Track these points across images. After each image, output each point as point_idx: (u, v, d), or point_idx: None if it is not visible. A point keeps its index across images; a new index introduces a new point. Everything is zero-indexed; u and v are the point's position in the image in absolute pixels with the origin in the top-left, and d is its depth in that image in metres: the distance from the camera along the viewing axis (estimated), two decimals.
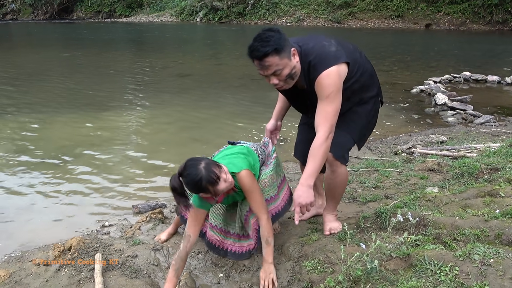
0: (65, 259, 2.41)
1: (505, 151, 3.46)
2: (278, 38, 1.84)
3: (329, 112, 1.92)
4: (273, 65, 1.86)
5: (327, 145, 1.95)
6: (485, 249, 1.70)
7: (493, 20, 20.06)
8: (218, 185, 1.93)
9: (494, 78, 8.37)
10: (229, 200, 2.27)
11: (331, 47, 1.97)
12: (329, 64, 1.89)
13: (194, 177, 1.87)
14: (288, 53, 1.88)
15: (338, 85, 1.92)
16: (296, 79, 1.96)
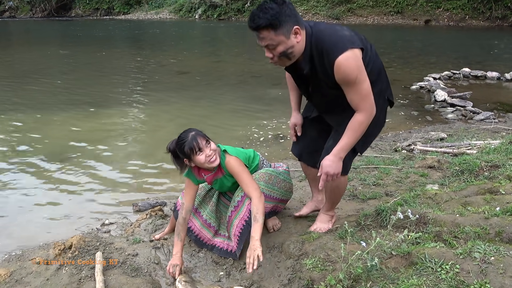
0: (65, 257, 2.41)
1: (505, 148, 3.45)
2: (278, 12, 1.71)
3: (364, 94, 1.83)
4: (266, 38, 1.76)
5: (367, 126, 1.90)
6: (486, 247, 1.70)
7: (492, 15, 20.02)
8: (197, 155, 2.12)
9: (493, 74, 8.36)
10: (218, 184, 2.36)
11: (345, 31, 1.85)
12: (345, 48, 1.76)
13: (181, 140, 2.14)
14: (287, 30, 1.75)
15: (360, 65, 1.80)
16: (293, 59, 1.85)
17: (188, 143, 2.10)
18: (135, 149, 4.77)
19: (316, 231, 2.33)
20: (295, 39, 1.78)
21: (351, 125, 1.90)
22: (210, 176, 2.30)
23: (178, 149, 2.16)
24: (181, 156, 2.18)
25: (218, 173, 2.30)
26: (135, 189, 3.68)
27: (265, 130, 5.23)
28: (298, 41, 1.80)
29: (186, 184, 2.34)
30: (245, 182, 2.21)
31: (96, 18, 29.90)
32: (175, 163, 2.25)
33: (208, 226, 2.48)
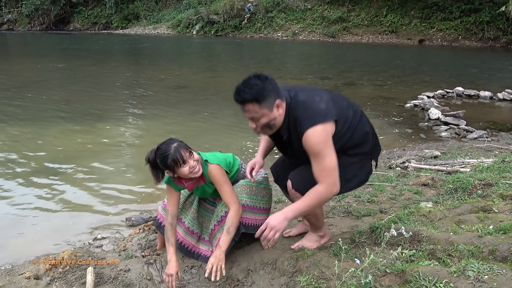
0: (56, 272, 2.38)
1: (498, 166, 3.49)
2: (262, 88, 1.83)
3: (326, 168, 1.90)
4: (251, 111, 1.89)
5: (325, 199, 1.95)
6: (479, 265, 1.70)
7: (484, 36, 20.44)
8: (181, 167, 2.09)
9: (486, 94, 8.49)
10: (199, 191, 2.37)
11: (321, 104, 1.93)
12: (316, 122, 1.87)
13: (163, 153, 2.09)
14: (270, 104, 1.87)
15: (326, 140, 1.89)
16: (274, 129, 1.97)
17: (172, 156, 2.07)
18: (130, 163, 4.75)
19: (299, 247, 2.33)
20: (277, 112, 1.91)
21: (310, 193, 1.94)
22: (191, 183, 2.29)
23: (160, 161, 2.12)
24: (163, 168, 2.15)
25: (200, 180, 2.29)
26: (128, 203, 3.65)
27: None
28: (280, 114, 1.93)
29: (168, 191, 2.33)
30: (226, 193, 2.23)
31: (94, 32, 30.12)
32: (152, 173, 2.21)
33: (192, 233, 2.49)
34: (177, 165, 2.09)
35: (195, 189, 2.35)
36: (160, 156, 2.11)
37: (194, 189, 2.35)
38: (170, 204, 2.33)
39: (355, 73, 12.07)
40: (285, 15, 25.18)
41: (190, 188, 2.33)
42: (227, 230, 2.19)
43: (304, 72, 12.23)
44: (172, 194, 2.32)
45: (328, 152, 1.89)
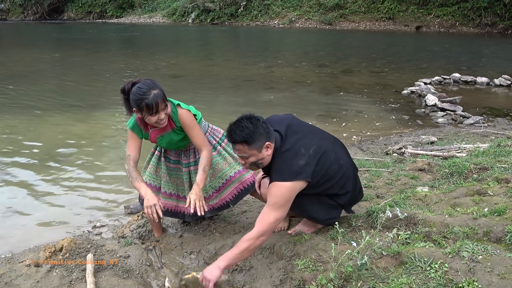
0: (56, 260, 2.40)
1: (494, 151, 3.51)
2: (252, 131, 1.92)
3: (269, 219, 1.94)
4: (241, 150, 1.98)
5: (254, 245, 1.96)
6: (474, 246, 1.73)
7: (482, 22, 20.35)
8: (150, 115, 2.07)
9: (483, 80, 8.49)
10: (165, 140, 2.31)
11: (302, 160, 1.98)
12: (285, 178, 1.95)
13: (140, 93, 2.05)
14: (259, 146, 1.95)
15: (287, 198, 1.96)
16: (261, 167, 2.07)
17: (148, 101, 2.04)
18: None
19: (296, 232, 2.36)
20: (266, 152, 1.99)
21: (242, 239, 1.96)
22: (156, 130, 2.26)
23: (134, 99, 2.07)
24: (132, 105, 2.11)
25: (167, 127, 2.26)
26: (126, 191, 3.67)
27: None
28: (269, 154, 2.00)
29: (130, 136, 2.29)
30: (197, 136, 2.28)
31: (89, 21, 29.78)
32: (125, 105, 2.19)
33: (170, 196, 2.54)
34: (149, 112, 2.07)
35: (160, 138, 2.30)
36: (137, 94, 2.06)
37: (159, 139, 2.30)
38: (132, 149, 2.28)
39: (352, 60, 12.03)
40: (282, 2, 24.94)
41: (154, 137, 2.29)
42: (203, 169, 2.25)
43: (300, 59, 12.17)
44: (134, 140, 2.29)
45: (284, 209, 1.97)
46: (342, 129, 5.52)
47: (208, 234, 2.66)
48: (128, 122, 2.30)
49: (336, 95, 7.70)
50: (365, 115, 6.28)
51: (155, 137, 2.30)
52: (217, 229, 2.70)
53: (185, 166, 2.48)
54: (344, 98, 7.41)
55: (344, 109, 6.63)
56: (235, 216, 2.89)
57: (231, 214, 2.93)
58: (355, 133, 5.40)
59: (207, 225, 2.77)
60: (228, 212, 2.96)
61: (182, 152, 2.46)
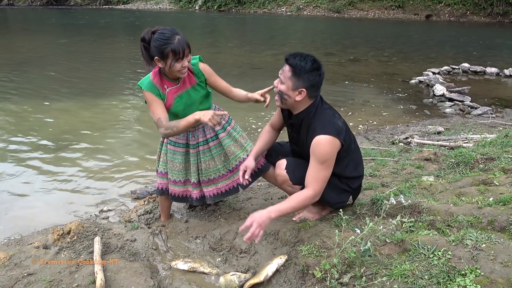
0: (64, 242, 2.44)
1: (501, 141, 3.49)
2: (306, 70, 1.94)
3: (323, 177, 2.01)
4: (284, 72, 2.00)
5: (308, 204, 2.04)
6: (478, 234, 1.73)
7: (493, 12, 19.97)
8: (177, 61, 2.02)
9: (492, 70, 8.38)
10: (182, 101, 2.22)
11: (339, 121, 2.06)
12: (329, 132, 1.97)
13: (164, 38, 1.98)
14: (297, 85, 1.98)
15: (333, 153, 2.01)
16: (283, 105, 2.09)
17: (174, 46, 1.97)
18: (133, 138, 4.79)
19: (300, 219, 2.38)
20: (295, 95, 2.01)
21: (297, 197, 2.01)
22: (174, 89, 2.19)
23: (157, 46, 1.98)
24: (154, 53, 2.01)
25: (186, 84, 2.20)
26: (133, 176, 3.70)
27: (263, 121, 5.26)
28: (296, 99, 2.02)
29: (151, 99, 2.15)
30: (222, 81, 2.33)
31: (95, 7, 29.68)
32: (145, 55, 2.08)
33: (175, 183, 2.52)
34: (175, 57, 1.99)
35: (177, 99, 2.21)
36: (160, 40, 1.98)
37: (176, 99, 2.20)
38: (160, 111, 2.14)
39: (359, 49, 11.91)
40: None
41: (171, 98, 2.19)
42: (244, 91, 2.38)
43: (308, 48, 12.07)
44: (157, 101, 2.16)
45: (330, 164, 2.02)
46: (349, 118, 5.50)
47: (213, 220, 2.69)
48: (141, 82, 2.19)
49: (343, 84, 7.65)
50: (372, 105, 6.24)
51: (172, 98, 2.19)
52: (222, 215, 2.72)
53: (193, 147, 2.43)
54: (351, 87, 7.36)
55: (351, 98, 6.59)
56: (240, 202, 2.92)
57: (236, 200, 2.95)
58: (361, 122, 5.38)
59: (213, 211, 2.80)
60: (233, 198, 2.99)
61: (190, 132, 2.40)
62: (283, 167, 2.19)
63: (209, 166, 2.46)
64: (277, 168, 2.24)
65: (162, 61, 2.04)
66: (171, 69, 2.06)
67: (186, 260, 2.27)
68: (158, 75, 2.17)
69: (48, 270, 2.19)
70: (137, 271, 2.13)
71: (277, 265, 2.04)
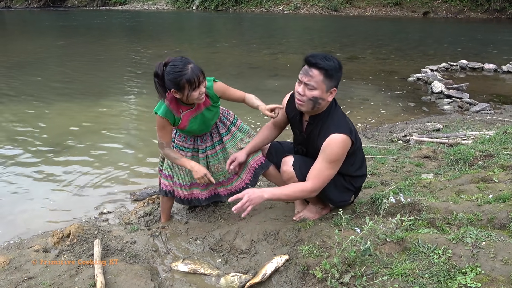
0: (63, 245, 2.44)
1: (500, 138, 3.49)
2: (336, 69, 1.92)
3: (327, 176, 2.01)
4: (314, 78, 1.92)
5: (304, 197, 2.07)
6: (478, 232, 1.73)
7: (491, 8, 19.99)
8: (194, 90, 2.03)
9: (490, 67, 8.38)
10: (197, 122, 2.27)
11: (350, 122, 2.09)
12: (343, 131, 1.97)
13: (178, 70, 1.98)
14: (330, 86, 1.95)
15: (343, 153, 2.01)
16: (315, 109, 2.03)
17: (188, 76, 1.98)
18: (133, 140, 4.78)
19: (300, 218, 2.37)
20: (328, 97, 1.99)
21: (293, 185, 2.04)
22: (189, 112, 2.22)
23: (171, 78, 2.00)
24: (171, 86, 2.03)
25: (201, 106, 2.24)
26: (132, 178, 3.70)
27: (261, 120, 5.25)
28: (328, 101, 2.01)
29: (162, 125, 2.23)
30: (235, 91, 2.36)
31: (93, 8, 29.63)
32: (159, 89, 2.11)
33: (180, 186, 2.54)
34: (191, 87, 2.01)
35: (192, 121, 2.26)
36: (174, 73, 1.99)
37: (191, 121, 2.26)
38: (166, 137, 2.27)
39: (357, 47, 11.90)
40: None
41: (186, 120, 2.24)
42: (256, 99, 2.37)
43: (305, 46, 12.06)
44: (167, 128, 2.25)
45: (337, 165, 2.03)
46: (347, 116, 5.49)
47: (213, 221, 2.69)
48: (156, 108, 2.21)
49: (341, 82, 7.62)
50: (371, 102, 6.24)
51: (187, 120, 2.24)
52: (222, 216, 2.72)
53: (202, 151, 2.47)
54: (349, 85, 7.36)
55: (349, 96, 6.59)
56: None
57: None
58: (360, 120, 5.38)
59: (212, 211, 2.80)
60: None
61: (198, 137, 2.44)
62: (290, 163, 2.16)
63: (218, 169, 2.51)
64: (283, 164, 2.21)
65: (179, 92, 2.06)
66: (189, 98, 2.09)
67: (186, 261, 2.27)
68: (174, 100, 2.19)
69: (48, 273, 2.18)
70: (137, 274, 2.12)
71: (277, 264, 2.04)
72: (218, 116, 2.45)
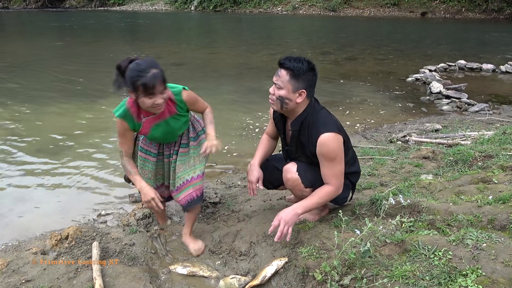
0: (62, 247, 2.42)
1: (499, 138, 3.49)
2: (304, 71, 1.98)
3: (339, 171, 2.06)
4: (281, 77, 2.00)
5: (332, 197, 2.11)
6: (478, 234, 1.73)
7: (488, 8, 20.05)
8: (145, 97, 1.87)
9: (489, 67, 8.40)
10: (160, 130, 2.13)
11: (336, 120, 2.12)
12: (332, 129, 2.01)
13: (138, 70, 1.84)
14: (297, 87, 1.99)
15: (341, 148, 2.05)
16: (283, 110, 2.08)
17: (146, 80, 1.83)
18: None
19: (300, 220, 2.36)
20: (296, 97, 2.02)
21: (319, 192, 2.08)
22: (151, 119, 2.07)
23: (129, 76, 1.85)
24: (126, 83, 1.89)
25: (165, 114, 2.08)
26: None
27: (260, 121, 5.24)
28: (297, 102, 2.03)
29: (121, 130, 2.08)
30: (201, 103, 2.25)
31: (91, 9, 29.58)
32: (115, 81, 1.95)
33: None
34: (145, 92, 1.86)
35: (154, 128, 2.11)
36: (134, 71, 1.85)
37: (153, 128, 2.10)
38: (124, 145, 2.13)
39: (356, 47, 11.91)
40: None
41: (147, 127, 2.09)
42: (210, 122, 2.26)
43: (304, 47, 12.07)
44: (126, 133, 2.10)
45: (341, 158, 2.06)
46: (346, 117, 5.49)
47: (212, 222, 2.67)
48: (116, 109, 2.06)
49: (339, 82, 7.64)
50: (370, 103, 6.24)
51: (148, 127, 2.09)
52: (221, 217, 2.71)
53: (167, 157, 2.35)
54: (348, 86, 7.36)
55: (348, 96, 6.58)
56: (239, 204, 2.90)
57: (235, 202, 2.94)
58: (359, 121, 5.38)
59: (211, 213, 2.79)
60: (232, 200, 2.97)
61: (164, 144, 2.32)
62: (294, 170, 2.16)
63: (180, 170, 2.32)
64: (286, 172, 2.19)
65: (133, 92, 1.91)
66: (140, 103, 1.94)
67: (185, 264, 2.26)
68: (135, 104, 2.02)
69: (47, 276, 2.17)
70: (136, 276, 2.11)
71: (276, 267, 2.04)
72: (187, 126, 2.28)
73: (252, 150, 4.34)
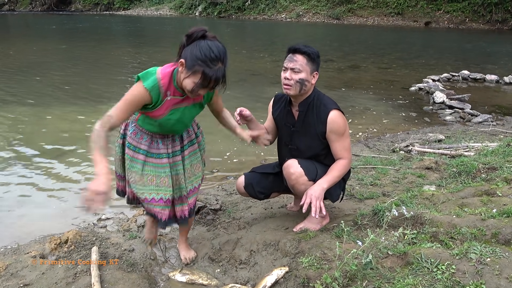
0: (61, 252, 2.41)
1: (503, 150, 3.47)
2: (316, 54, 2.16)
3: (348, 144, 2.24)
4: (298, 62, 2.13)
5: (347, 169, 2.26)
6: (482, 248, 1.70)
7: (492, 19, 20.10)
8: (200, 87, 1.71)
9: (492, 77, 8.39)
10: (176, 114, 1.88)
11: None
12: (337, 107, 2.21)
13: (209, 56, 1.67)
14: (313, 69, 2.16)
15: (347, 124, 2.26)
16: (302, 92, 2.20)
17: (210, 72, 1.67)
18: None
19: (301, 229, 2.35)
20: (312, 79, 2.19)
21: (335, 166, 2.23)
22: (175, 100, 1.84)
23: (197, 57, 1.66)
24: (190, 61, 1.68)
25: (189, 100, 1.89)
26: None
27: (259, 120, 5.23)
28: (312, 83, 2.21)
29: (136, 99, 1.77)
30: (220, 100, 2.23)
31: (96, 13, 29.79)
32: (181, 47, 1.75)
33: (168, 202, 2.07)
34: (202, 83, 1.69)
35: (172, 111, 1.87)
36: (204, 55, 1.66)
37: (171, 111, 1.86)
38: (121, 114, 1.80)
39: (359, 55, 11.93)
40: None
41: (167, 107, 1.83)
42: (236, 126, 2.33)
43: None
44: (138, 105, 1.79)
45: (348, 133, 2.27)
46: (349, 125, 5.48)
47: (212, 229, 2.65)
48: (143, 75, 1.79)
49: (342, 90, 7.64)
50: (372, 112, 6.23)
51: (168, 108, 1.84)
52: (221, 224, 2.69)
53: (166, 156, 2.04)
54: (351, 94, 7.36)
55: (350, 105, 6.58)
56: (240, 211, 2.89)
57: (236, 209, 2.92)
58: (361, 129, 5.36)
59: (212, 220, 2.77)
60: (233, 207, 2.96)
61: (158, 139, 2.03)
62: (296, 164, 2.23)
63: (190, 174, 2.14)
64: (289, 168, 2.23)
65: (189, 72, 1.69)
66: (184, 84, 1.73)
67: (184, 272, 2.24)
68: (169, 77, 1.80)
69: (45, 280, 2.15)
70: (134, 283, 2.09)
71: (277, 276, 2.01)
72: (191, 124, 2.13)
73: (253, 156, 4.33)
